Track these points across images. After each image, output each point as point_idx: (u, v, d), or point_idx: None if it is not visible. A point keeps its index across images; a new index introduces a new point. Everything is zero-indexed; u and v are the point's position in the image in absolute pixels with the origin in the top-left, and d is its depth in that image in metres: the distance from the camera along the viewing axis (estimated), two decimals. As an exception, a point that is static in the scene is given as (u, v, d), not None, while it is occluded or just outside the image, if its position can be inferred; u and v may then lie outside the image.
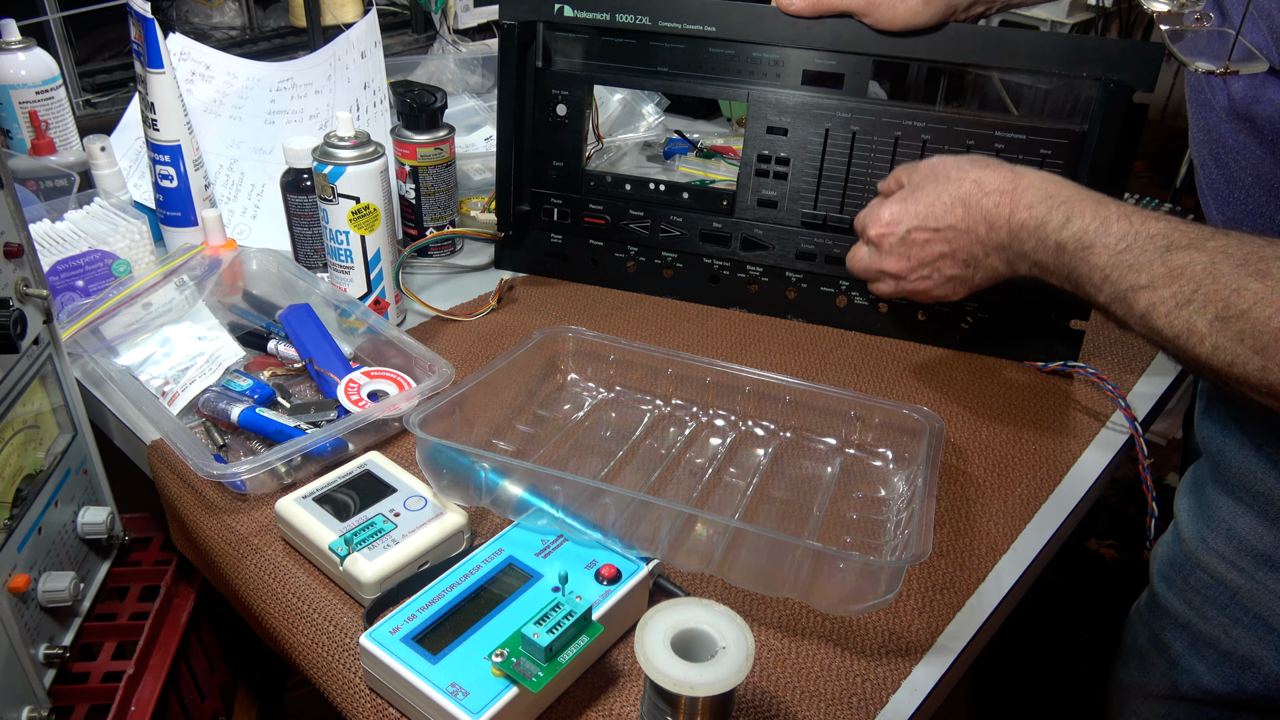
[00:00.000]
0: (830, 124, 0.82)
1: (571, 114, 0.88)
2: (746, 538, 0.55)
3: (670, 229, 0.90)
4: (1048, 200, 0.61)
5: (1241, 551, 0.65)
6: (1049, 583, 0.70)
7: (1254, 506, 0.64)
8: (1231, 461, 0.66)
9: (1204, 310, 0.51)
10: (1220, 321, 0.50)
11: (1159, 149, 1.88)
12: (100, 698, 0.72)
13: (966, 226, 0.66)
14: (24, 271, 0.62)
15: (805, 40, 0.80)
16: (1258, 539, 0.64)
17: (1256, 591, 0.64)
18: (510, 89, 0.86)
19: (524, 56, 0.86)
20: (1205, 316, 0.51)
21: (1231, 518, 0.66)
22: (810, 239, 0.86)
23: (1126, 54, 0.73)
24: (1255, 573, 0.64)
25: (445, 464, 0.59)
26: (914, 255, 0.69)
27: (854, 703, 0.53)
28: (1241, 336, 0.49)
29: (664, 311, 0.91)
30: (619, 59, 0.86)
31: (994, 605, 0.60)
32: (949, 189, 0.67)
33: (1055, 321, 0.82)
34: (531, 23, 0.85)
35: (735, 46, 0.82)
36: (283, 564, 0.61)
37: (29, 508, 0.64)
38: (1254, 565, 0.64)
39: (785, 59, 0.82)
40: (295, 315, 0.79)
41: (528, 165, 0.91)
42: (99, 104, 1.18)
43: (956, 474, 0.71)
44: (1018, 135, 0.78)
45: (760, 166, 0.85)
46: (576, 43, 0.86)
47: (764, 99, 0.83)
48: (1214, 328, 0.51)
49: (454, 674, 0.48)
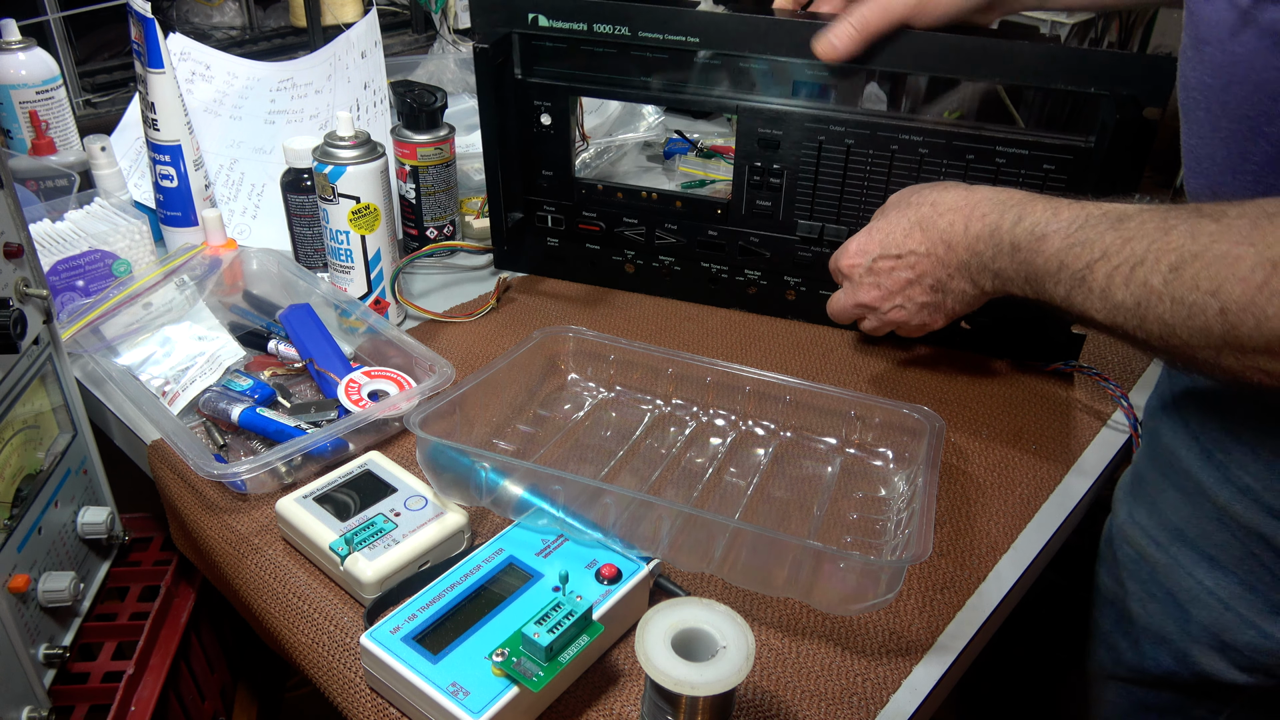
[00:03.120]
0: (824, 137, 0.79)
1: (556, 124, 0.86)
2: (747, 537, 0.55)
3: (666, 236, 0.89)
4: (999, 206, 0.60)
5: (1161, 526, 0.65)
6: (1049, 583, 0.70)
7: (1176, 483, 0.64)
8: (1163, 437, 0.66)
9: (1158, 265, 0.48)
10: (1174, 272, 0.47)
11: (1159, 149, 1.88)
12: (100, 698, 0.72)
13: (926, 250, 0.65)
14: (24, 271, 0.62)
15: (795, 50, 0.76)
16: (1175, 514, 0.64)
17: (1170, 566, 0.64)
18: (490, 109, 0.83)
19: (500, 74, 0.83)
20: (1159, 271, 0.48)
21: (1156, 493, 0.66)
22: (808, 249, 0.85)
23: (1137, 68, 0.69)
24: (1170, 547, 0.64)
25: (445, 464, 0.59)
26: (883, 284, 0.69)
27: (854, 702, 0.53)
28: (1196, 281, 0.46)
29: (664, 311, 0.91)
30: (601, 68, 0.83)
31: (994, 605, 0.60)
32: (908, 214, 0.67)
33: (1056, 322, 0.82)
34: (506, 36, 0.83)
35: (721, 57, 0.79)
36: (283, 564, 0.61)
37: (29, 508, 0.64)
38: (1170, 540, 0.64)
39: (774, 69, 0.79)
40: (295, 315, 0.79)
41: (517, 175, 0.90)
42: (99, 104, 1.18)
43: (956, 474, 0.71)
44: (1020, 150, 0.75)
45: (753, 179, 0.83)
46: (556, 53, 0.84)
47: (754, 112, 0.80)
48: (1169, 280, 0.48)
49: (454, 673, 0.48)
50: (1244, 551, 0.60)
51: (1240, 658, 0.61)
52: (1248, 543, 0.59)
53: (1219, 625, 0.62)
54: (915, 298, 0.68)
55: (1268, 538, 0.58)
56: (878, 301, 0.70)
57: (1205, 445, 0.62)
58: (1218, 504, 0.61)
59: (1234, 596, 0.61)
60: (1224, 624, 0.61)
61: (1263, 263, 0.43)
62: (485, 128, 0.85)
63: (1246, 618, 0.60)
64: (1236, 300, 0.44)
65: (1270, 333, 0.43)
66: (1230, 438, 0.60)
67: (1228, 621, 0.61)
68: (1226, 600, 0.61)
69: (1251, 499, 0.58)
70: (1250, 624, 0.60)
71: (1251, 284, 0.43)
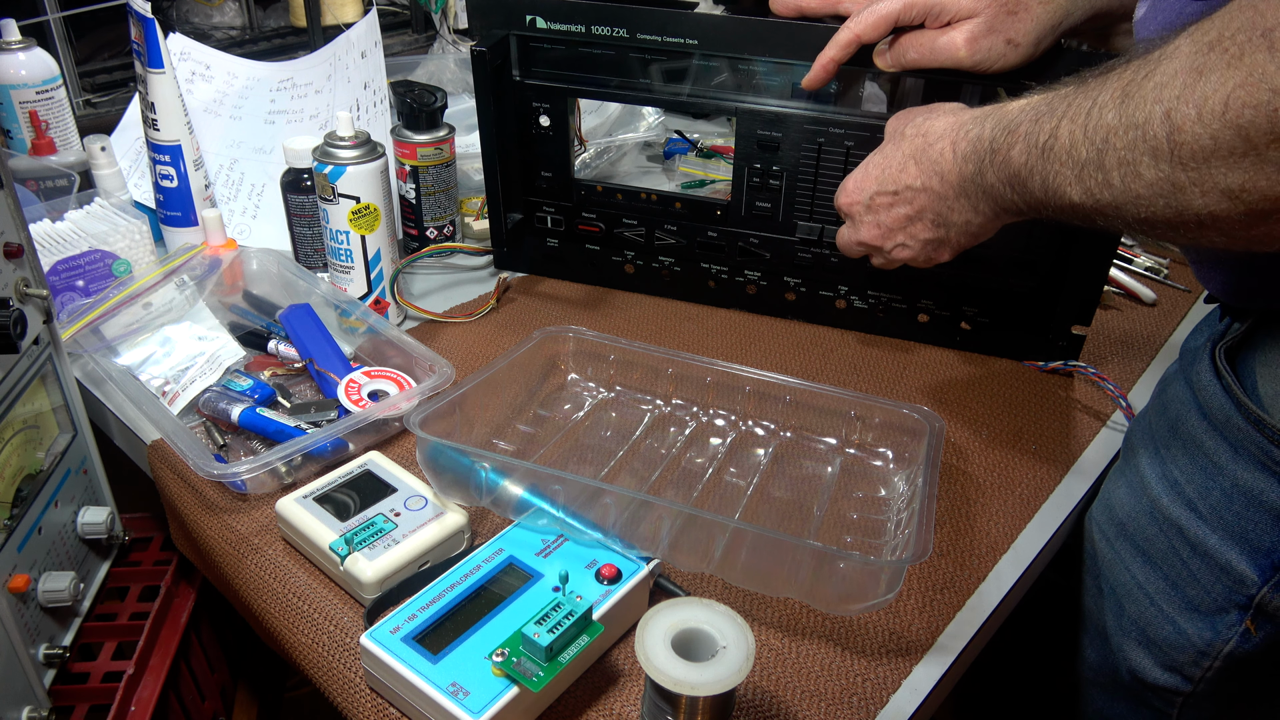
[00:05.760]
0: (823, 139, 0.79)
1: (555, 126, 0.86)
2: (747, 538, 0.55)
3: (665, 237, 0.89)
4: (979, 118, 0.59)
5: (1111, 521, 0.66)
6: (1049, 582, 0.70)
7: (1129, 479, 0.65)
8: (1133, 439, 0.67)
9: (1112, 99, 0.46)
10: (1125, 97, 0.45)
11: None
12: (100, 698, 0.72)
13: (922, 184, 0.63)
14: (24, 271, 0.62)
15: (793, 52, 0.76)
16: (1122, 509, 0.65)
17: (1113, 561, 0.65)
18: (488, 111, 0.83)
19: (498, 77, 0.83)
20: (1113, 104, 0.46)
21: (1112, 487, 0.67)
22: (807, 250, 0.85)
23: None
24: (1115, 542, 0.65)
25: (445, 464, 0.59)
26: (882, 222, 0.66)
27: (854, 703, 0.53)
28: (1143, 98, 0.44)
29: (664, 311, 0.91)
30: (599, 70, 0.83)
31: (994, 605, 0.60)
32: (902, 146, 0.64)
33: (1055, 322, 0.82)
34: (504, 38, 0.82)
35: (719, 59, 0.79)
36: (283, 564, 0.61)
37: (29, 508, 0.64)
38: (1116, 534, 0.65)
39: (773, 70, 0.79)
40: (295, 315, 0.79)
41: (517, 177, 0.90)
42: (99, 104, 1.18)
43: (956, 474, 0.71)
44: None
45: (753, 181, 0.83)
46: (554, 54, 0.84)
47: (752, 114, 0.80)
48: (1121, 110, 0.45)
49: (454, 673, 0.48)
50: (1168, 546, 0.60)
51: (1161, 655, 0.62)
52: (1170, 536, 0.60)
53: (1145, 620, 0.62)
54: (918, 234, 0.65)
55: (1185, 531, 0.59)
56: (879, 240, 0.67)
57: (1157, 442, 0.63)
58: (1151, 497, 0.62)
59: (1159, 591, 0.61)
60: (1148, 619, 0.62)
61: (1199, 48, 0.41)
62: (484, 130, 0.85)
63: (1166, 613, 0.61)
64: (1177, 95, 0.42)
65: (1209, 114, 0.41)
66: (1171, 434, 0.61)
67: (1151, 616, 0.62)
68: (1152, 595, 0.62)
69: (1177, 492, 0.59)
70: (1169, 619, 0.61)
71: (1190, 71, 0.42)
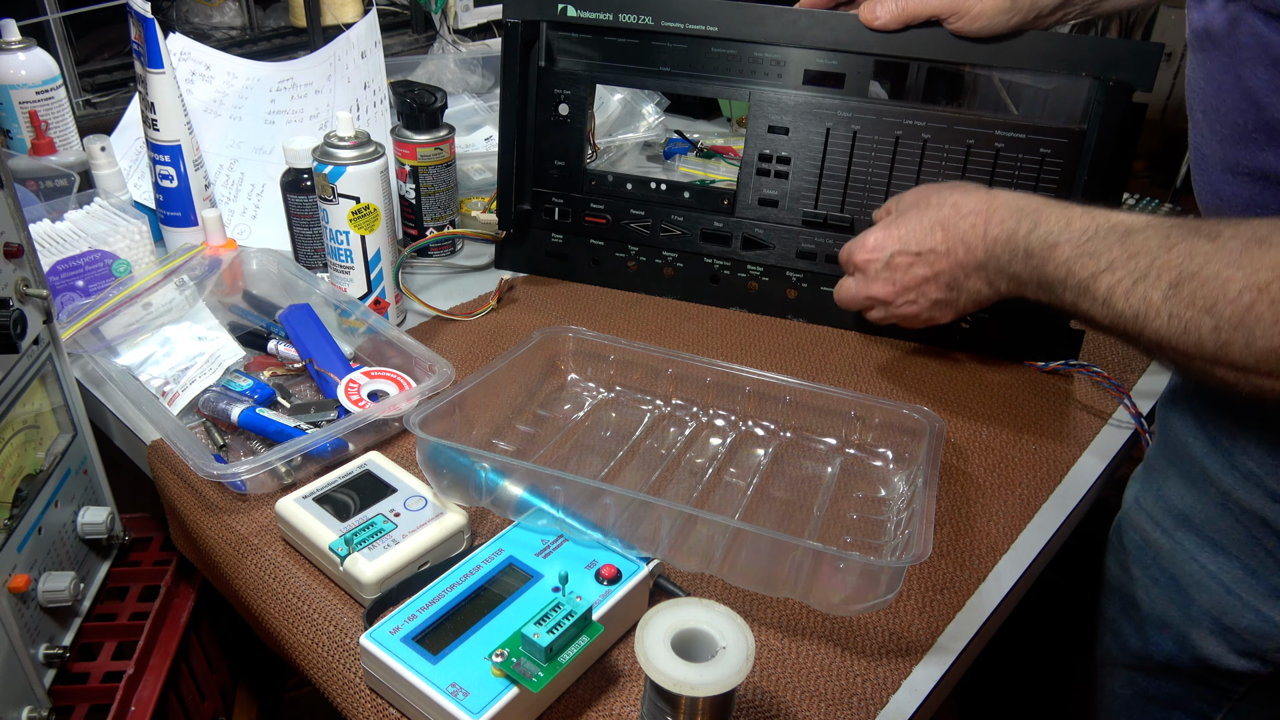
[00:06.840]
0: (831, 123, 0.82)
1: (574, 113, 0.88)
2: (747, 538, 0.55)
3: (671, 228, 0.90)
4: (1017, 213, 0.62)
5: (1167, 512, 0.67)
6: (1049, 582, 0.71)
7: (1182, 469, 0.66)
8: (1173, 426, 0.68)
9: (1158, 281, 0.51)
10: (1173, 289, 0.50)
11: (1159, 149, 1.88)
12: (100, 698, 0.72)
13: (946, 249, 0.67)
14: (24, 271, 0.62)
15: (807, 40, 0.81)
16: (1181, 500, 0.66)
17: (1174, 551, 0.66)
18: (513, 88, 0.86)
19: (527, 56, 0.86)
20: (1160, 287, 0.50)
21: (1163, 480, 0.68)
22: (811, 238, 0.86)
23: (1125, 53, 0.73)
24: (1175, 533, 0.66)
25: (445, 464, 0.59)
26: (898, 280, 0.70)
27: (854, 703, 0.53)
28: (1193, 299, 0.49)
29: (664, 311, 0.91)
30: (621, 58, 0.87)
31: (994, 605, 0.60)
32: (929, 214, 0.68)
33: (1055, 322, 0.82)
34: (535, 22, 0.85)
35: (737, 46, 0.83)
36: (283, 564, 0.61)
37: (29, 508, 0.64)
38: (1175, 525, 0.66)
39: (787, 59, 0.82)
40: (295, 315, 0.79)
41: (529, 164, 0.91)
42: (99, 104, 1.18)
43: (956, 474, 0.71)
44: (1017, 134, 0.78)
45: (761, 165, 0.86)
46: (579, 42, 0.87)
47: (765, 98, 0.84)
48: (1168, 296, 0.50)
49: (454, 674, 0.48)
50: (1246, 536, 0.61)
51: (1240, 642, 0.62)
52: (1250, 527, 0.61)
53: (1220, 609, 0.63)
54: (929, 294, 0.70)
55: (1270, 522, 0.59)
56: (890, 296, 0.71)
57: (1212, 433, 0.63)
58: (1222, 489, 0.62)
59: (1236, 581, 0.62)
60: (1224, 608, 0.63)
61: (1249, 287, 0.46)
62: (504, 111, 0.87)
63: (1248, 601, 0.62)
64: (1228, 320, 0.47)
65: (1258, 352, 0.46)
66: (1237, 425, 0.61)
67: (1228, 605, 0.62)
68: (1228, 584, 0.62)
69: (1255, 484, 0.60)
70: (1251, 608, 0.61)
71: (1240, 306, 0.46)
